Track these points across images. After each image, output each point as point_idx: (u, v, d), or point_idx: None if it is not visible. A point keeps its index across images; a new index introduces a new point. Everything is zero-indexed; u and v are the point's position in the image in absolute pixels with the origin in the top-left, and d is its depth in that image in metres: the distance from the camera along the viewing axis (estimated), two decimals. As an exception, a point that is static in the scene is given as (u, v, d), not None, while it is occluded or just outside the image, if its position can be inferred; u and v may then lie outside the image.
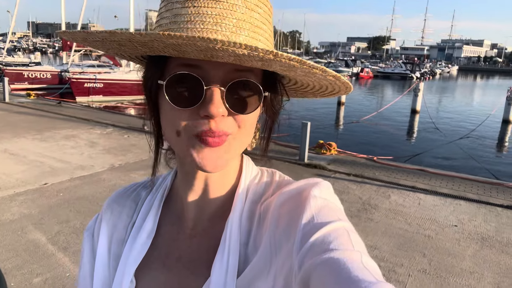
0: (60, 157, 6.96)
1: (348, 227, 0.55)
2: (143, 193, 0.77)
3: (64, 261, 3.64)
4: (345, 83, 0.61)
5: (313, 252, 0.50)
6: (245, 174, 0.69)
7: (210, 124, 0.56)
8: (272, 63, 0.52)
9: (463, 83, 64.19)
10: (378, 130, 15.07)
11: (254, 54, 0.48)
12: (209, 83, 0.56)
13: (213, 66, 0.56)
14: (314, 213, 0.56)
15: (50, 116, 11.04)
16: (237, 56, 0.50)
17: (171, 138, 0.61)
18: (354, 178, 6.41)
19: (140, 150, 7.62)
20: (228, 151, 0.59)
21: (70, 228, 4.27)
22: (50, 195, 5.17)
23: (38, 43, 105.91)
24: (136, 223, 0.72)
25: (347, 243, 0.51)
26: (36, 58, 28.93)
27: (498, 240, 4.40)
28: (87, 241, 0.76)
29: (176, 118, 0.58)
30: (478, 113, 20.98)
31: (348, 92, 0.66)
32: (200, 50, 0.50)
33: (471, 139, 13.92)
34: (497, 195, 5.83)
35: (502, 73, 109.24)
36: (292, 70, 0.56)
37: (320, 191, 0.60)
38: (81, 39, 0.59)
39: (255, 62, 0.52)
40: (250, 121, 0.61)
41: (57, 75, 21.72)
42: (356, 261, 0.47)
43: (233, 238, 0.62)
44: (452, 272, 3.71)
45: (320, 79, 0.60)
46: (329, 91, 0.68)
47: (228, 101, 0.56)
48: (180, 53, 0.53)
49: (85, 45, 0.66)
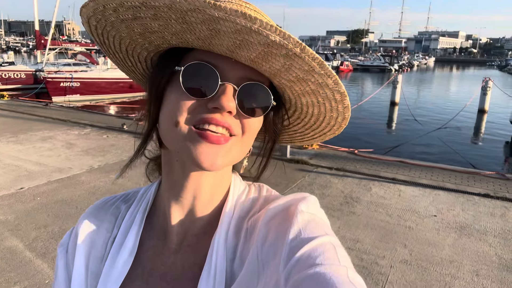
0: (36, 160, 6.77)
1: (334, 242, 0.55)
2: (122, 206, 0.74)
3: (43, 268, 3.54)
4: (347, 107, 0.63)
5: (300, 267, 0.51)
6: (233, 189, 0.69)
7: (216, 115, 0.56)
8: (294, 62, 0.53)
9: (440, 74, 65.56)
10: (358, 123, 15.25)
11: (284, 43, 0.49)
12: (224, 79, 0.57)
13: (230, 66, 0.57)
14: (301, 228, 0.56)
15: (25, 118, 10.73)
16: (266, 45, 0.50)
17: (168, 131, 0.59)
18: (336, 172, 6.47)
19: (120, 150, 7.48)
20: (228, 153, 0.59)
21: (48, 233, 4.16)
22: (27, 200, 5.03)
23: (11, 42, 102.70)
24: (116, 239, 0.69)
25: (334, 258, 0.51)
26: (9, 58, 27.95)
27: (476, 229, 4.52)
28: (61, 257, 0.72)
29: (181, 106, 0.57)
30: (455, 103, 21.47)
31: (343, 127, 0.68)
32: (235, 31, 0.50)
33: (449, 129, 14.24)
34: (474, 184, 5.98)
35: (477, 64, 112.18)
36: (305, 79, 0.56)
37: (307, 206, 0.61)
38: (115, 4, 0.53)
39: (277, 58, 0.53)
40: (253, 128, 0.61)
41: (31, 74, 21.09)
42: (342, 275, 0.48)
43: (219, 254, 0.61)
44: (432, 262, 3.79)
45: (325, 99, 0.61)
46: (321, 128, 0.69)
47: (239, 100, 0.57)
48: (208, 39, 0.53)
49: (105, 27, 0.59)
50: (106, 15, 0.56)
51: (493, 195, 5.52)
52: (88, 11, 0.57)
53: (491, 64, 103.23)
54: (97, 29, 0.61)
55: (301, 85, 0.59)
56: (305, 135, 0.73)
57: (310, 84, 0.57)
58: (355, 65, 60.80)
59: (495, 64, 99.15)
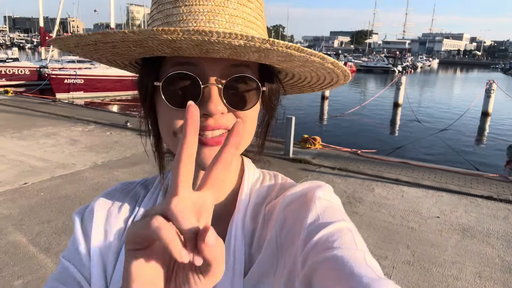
0: (40, 156, 6.80)
1: (351, 227, 0.57)
2: (142, 191, 0.75)
3: (46, 262, 3.56)
4: (344, 70, 0.61)
5: (317, 250, 0.52)
6: (247, 176, 0.69)
7: (209, 121, 0.56)
8: (269, 53, 0.51)
9: (443, 76, 65.38)
10: (361, 124, 15.23)
11: (250, 44, 0.48)
12: (206, 81, 0.55)
13: (209, 63, 0.55)
14: (319, 213, 0.58)
15: (29, 114, 10.77)
16: (234, 48, 0.49)
17: (168, 140, 0.61)
18: (339, 172, 6.46)
19: (123, 147, 7.50)
20: None
21: (51, 228, 4.18)
22: (31, 195, 5.05)
23: (16, 39, 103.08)
24: (136, 218, 0.70)
25: (351, 242, 0.53)
26: (14, 54, 28.08)
27: (479, 231, 4.51)
28: (77, 223, 0.72)
29: (172, 118, 0.57)
30: (459, 105, 21.41)
31: (347, 80, 0.66)
32: (196, 45, 0.49)
33: (452, 131, 14.20)
34: (478, 186, 5.97)
35: (481, 66, 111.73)
36: (289, 60, 0.55)
37: (324, 193, 0.62)
38: (73, 45, 0.57)
39: (251, 53, 0.52)
40: (251, 117, 0.61)
41: (35, 71, 21.18)
42: (359, 259, 0.49)
43: (238, 238, 0.62)
44: (435, 263, 3.78)
45: (318, 68, 0.60)
46: (327, 83, 0.68)
47: (227, 98, 0.56)
48: (175, 50, 0.52)
49: (78, 54, 0.63)
50: (71, 48, 0.59)
51: (496, 197, 5.50)
52: (55, 46, 0.60)
53: (495, 66, 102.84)
54: (72, 52, 0.64)
55: (287, 64, 0.58)
56: (314, 87, 0.73)
57: (296, 61, 0.56)
58: (359, 66, 60.63)
59: (499, 67, 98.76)
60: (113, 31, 0.50)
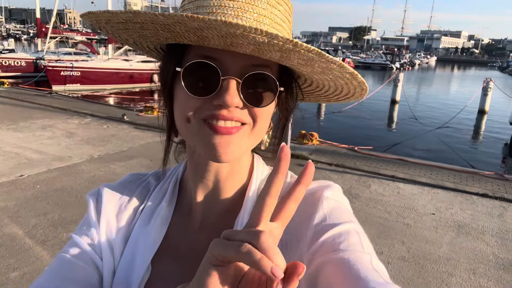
0: (36, 148, 6.77)
1: (358, 229, 0.57)
2: (153, 182, 0.77)
3: (42, 255, 3.55)
4: (361, 82, 0.61)
5: (324, 250, 0.52)
6: (256, 173, 0.70)
7: (223, 111, 0.56)
8: (291, 54, 0.52)
9: (441, 73, 65.48)
10: (359, 120, 15.25)
11: (274, 43, 0.49)
12: (226, 74, 0.56)
13: (231, 58, 0.56)
14: (327, 213, 0.58)
15: (25, 106, 10.70)
16: (257, 44, 0.50)
17: (182, 127, 0.61)
18: (336, 168, 6.48)
19: (120, 141, 7.48)
20: (240, 142, 0.59)
21: (48, 221, 4.17)
22: (27, 187, 5.03)
23: (12, 30, 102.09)
24: (146, 207, 0.71)
25: (358, 244, 0.53)
26: (10, 45, 27.85)
27: (474, 228, 4.54)
28: (92, 203, 0.74)
29: (188, 104, 0.58)
30: (456, 103, 21.45)
31: (363, 95, 0.66)
32: (221, 36, 0.50)
33: (449, 128, 14.25)
34: (473, 184, 6.00)
35: (479, 64, 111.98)
36: (309, 64, 0.56)
37: (332, 193, 0.62)
38: (104, 21, 0.57)
39: (274, 52, 0.52)
40: (265, 115, 0.61)
41: (32, 62, 21.01)
42: (366, 262, 0.49)
43: None
44: (430, 259, 3.81)
45: (337, 77, 0.60)
46: (343, 94, 0.68)
47: (244, 93, 0.57)
48: (201, 39, 0.53)
49: (107, 32, 0.64)
50: (102, 24, 0.59)
51: (492, 195, 5.54)
52: (86, 20, 0.60)
53: (493, 65, 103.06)
54: (101, 29, 0.64)
55: (307, 68, 0.58)
56: (330, 99, 0.74)
57: (316, 67, 0.57)
58: (357, 62, 60.60)
59: (497, 65, 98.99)
60: (144, 12, 0.51)
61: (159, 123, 0.72)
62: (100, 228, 0.69)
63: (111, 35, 0.68)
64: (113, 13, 0.54)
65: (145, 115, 9.92)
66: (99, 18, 0.57)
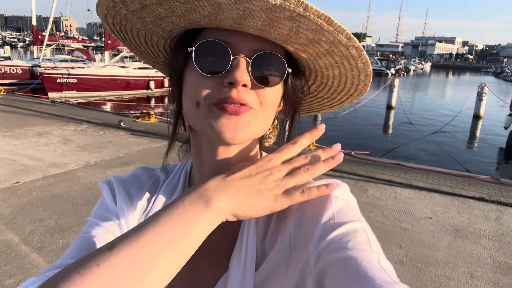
0: (32, 155, 6.74)
1: (366, 228, 0.56)
2: (163, 176, 0.78)
3: (38, 262, 3.52)
4: (366, 63, 0.61)
5: (331, 249, 0.51)
6: None
7: (232, 92, 0.57)
8: (300, 23, 0.52)
9: (436, 79, 65.93)
10: (355, 126, 15.30)
11: (285, 5, 0.49)
12: (235, 53, 0.57)
13: (240, 40, 0.58)
14: (335, 212, 0.57)
15: (21, 113, 10.66)
16: (268, 11, 0.50)
17: (191, 111, 0.61)
18: (333, 173, 6.47)
19: (117, 147, 7.46)
20: (248, 124, 0.59)
21: (44, 227, 4.14)
22: (23, 194, 5.00)
23: (8, 37, 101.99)
24: (157, 199, 0.73)
25: (365, 243, 0.52)
26: (6, 53, 27.83)
27: (471, 231, 4.55)
28: (106, 190, 0.75)
29: (199, 86, 0.58)
30: (451, 108, 21.59)
31: (367, 84, 0.66)
32: (234, 2, 0.50)
33: (444, 133, 14.32)
34: (469, 188, 6.03)
35: (473, 70, 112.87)
36: (317, 40, 0.56)
37: (341, 192, 0.62)
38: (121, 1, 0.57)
39: (283, 23, 0.53)
40: (272, 99, 0.62)
41: (28, 70, 21.02)
42: (373, 261, 0.49)
43: (251, 231, 0.63)
44: (427, 263, 3.81)
45: (342, 57, 0.60)
46: (347, 89, 0.68)
47: (253, 72, 0.58)
48: (214, 13, 0.54)
49: (122, 18, 0.62)
50: (117, 9, 0.59)
51: (488, 198, 5.56)
52: (102, 8, 0.59)
53: (487, 70, 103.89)
54: (115, 26, 0.64)
55: (314, 47, 0.59)
56: (333, 100, 0.74)
57: (323, 43, 0.57)
58: (352, 69, 60.82)
59: (491, 70, 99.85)
60: None
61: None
62: (118, 209, 0.71)
63: (121, 41, 0.69)
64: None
65: (141, 121, 9.91)
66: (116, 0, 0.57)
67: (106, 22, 0.64)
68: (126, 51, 23.36)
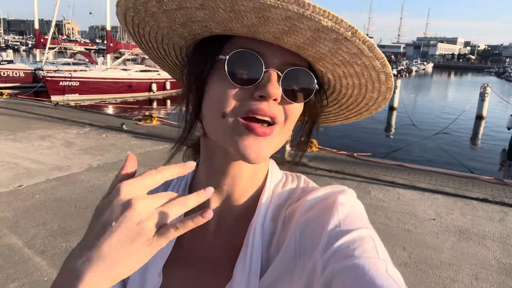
0: (35, 158, 6.75)
1: (373, 235, 0.55)
2: (161, 186, 0.74)
3: (42, 265, 3.53)
4: (390, 89, 0.61)
5: (338, 257, 0.51)
6: (271, 177, 0.69)
7: (263, 105, 0.56)
8: (342, 45, 0.52)
9: (438, 80, 65.83)
10: (357, 127, 15.26)
11: (335, 28, 0.48)
12: (267, 66, 0.56)
13: (273, 53, 0.56)
14: (341, 219, 0.56)
15: (23, 116, 10.69)
16: (316, 31, 0.49)
17: (214, 122, 0.59)
18: (335, 175, 6.47)
19: (119, 150, 7.47)
20: (272, 143, 0.59)
21: (47, 231, 4.15)
22: (26, 197, 5.01)
23: (10, 41, 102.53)
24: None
25: (373, 251, 0.51)
26: (8, 56, 27.93)
27: (475, 233, 4.53)
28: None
29: (227, 96, 0.56)
30: (453, 109, 21.55)
31: (381, 106, 0.66)
32: (284, 19, 0.48)
33: (447, 134, 14.29)
34: (473, 189, 6.00)
35: (475, 70, 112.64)
36: (352, 61, 0.55)
37: (347, 199, 0.61)
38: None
39: (326, 43, 0.52)
40: (295, 114, 0.61)
41: (30, 73, 21.08)
42: (381, 269, 0.48)
43: (256, 240, 0.62)
44: (431, 265, 3.79)
45: (367, 80, 0.60)
46: (358, 108, 0.68)
47: (283, 87, 0.57)
48: (257, 25, 0.51)
49: (147, 15, 0.58)
50: (148, 6, 0.55)
51: (492, 199, 5.54)
52: (128, 2, 0.56)
53: (489, 70, 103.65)
54: (134, 20, 0.60)
55: (345, 68, 0.58)
56: (339, 116, 0.73)
57: (356, 66, 0.56)
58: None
59: (493, 71, 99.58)
60: None
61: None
62: None
63: (131, 35, 0.65)
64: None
65: (144, 124, 9.92)
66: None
67: (125, 14, 0.60)
68: (128, 54, 23.46)
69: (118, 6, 0.59)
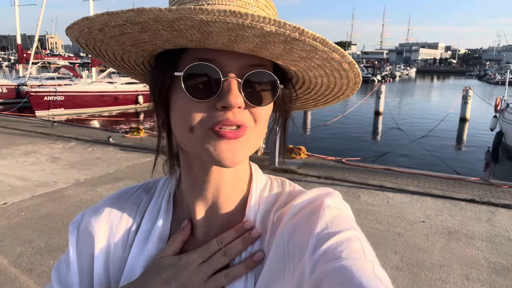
0: (20, 175, 6.61)
1: (360, 236, 0.56)
2: (144, 196, 0.74)
3: (29, 284, 3.43)
4: (357, 74, 0.61)
5: (326, 259, 0.51)
6: (256, 182, 0.69)
7: (227, 115, 0.55)
8: (294, 45, 0.51)
9: (421, 84, 66.97)
10: (344, 133, 15.41)
11: (281, 32, 0.48)
12: (226, 75, 0.55)
13: (228, 60, 0.56)
14: (328, 222, 0.57)
15: (7, 132, 10.49)
16: (262, 36, 0.49)
17: (183, 136, 0.59)
18: (325, 181, 6.49)
19: (106, 163, 7.37)
20: (246, 145, 0.58)
21: (33, 249, 4.05)
22: (11, 215, 4.89)
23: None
24: (141, 227, 0.69)
25: (359, 252, 0.52)
26: (-10, 72, 27.60)
27: (464, 233, 4.58)
28: (72, 233, 0.71)
29: (191, 112, 0.56)
30: (437, 112, 21.90)
31: (355, 90, 0.66)
32: (228, 29, 0.48)
33: (432, 137, 14.51)
34: (460, 190, 6.08)
35: (457, 74, 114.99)
36: (309, 57, 0.55)
37: (333, 201, 0.61)
38: (99, 27, 0.53)
39: (277, 45, 0.52)
40: (265, 115, 0.61)
41: (14, 89, 20.78)
42: (368, 270, 0.48)
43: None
44: (423, 267, 3.81)
45: (333, 70, 0.60)
46: (334, 93, 0.68)
47: (245, 93, 0.56)
48: (204, 36, 0.51)
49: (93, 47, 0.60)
50: (93, 34, 0.56)
51: (479, 200, 5.62)
52: (74, 32, 0.57)
53: (470, 74, 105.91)
54: (88, 46, 0.61)
55: (306, 63, 0.58)
56: (318, 101, 0.73)
57: (315, 60, 0.56)
58: (339, 76, 61.40)
59: (474, 74, 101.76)
60: (148, 8, 0.48)
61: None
62: (94, 254, 0.68)
63: (93, 56, 0.65)
64: (112, 15, 0.50)
65: (130, 137, 9.83)
66: (93, 24, 0.53)
67: (78, 42, 0.60)
68: (113, 67, 23.29)
69: (68, 35, 0.59)
